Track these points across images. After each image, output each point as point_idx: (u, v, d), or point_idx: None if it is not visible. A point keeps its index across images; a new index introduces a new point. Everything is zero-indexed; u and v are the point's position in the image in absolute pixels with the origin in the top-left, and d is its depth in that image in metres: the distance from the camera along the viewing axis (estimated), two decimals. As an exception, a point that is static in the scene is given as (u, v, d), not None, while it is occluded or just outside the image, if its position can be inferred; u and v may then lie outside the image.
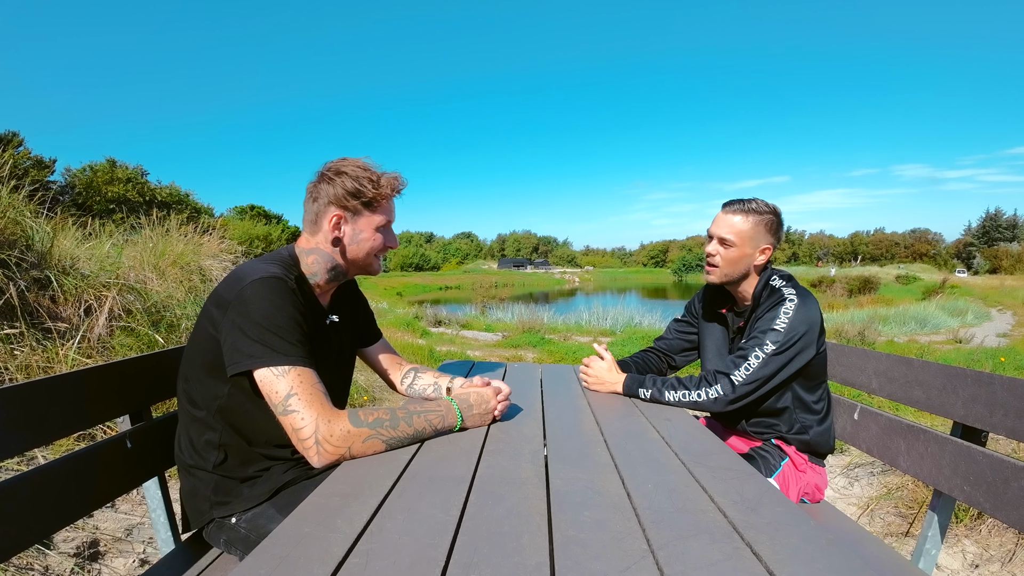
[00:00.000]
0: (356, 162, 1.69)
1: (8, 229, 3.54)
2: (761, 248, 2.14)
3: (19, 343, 3.17)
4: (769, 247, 2.15)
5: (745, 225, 2.12)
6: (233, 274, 1.56)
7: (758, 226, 2.13)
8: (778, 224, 2.16)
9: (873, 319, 16.30)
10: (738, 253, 2.13)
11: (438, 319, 17.42)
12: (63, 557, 2.39)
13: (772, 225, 2.15)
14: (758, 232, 2.13)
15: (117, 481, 1.63)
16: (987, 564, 2.81)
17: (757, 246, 2.14)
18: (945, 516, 1.82)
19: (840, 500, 3.71)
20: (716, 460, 1.49)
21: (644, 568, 0.94)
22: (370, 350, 2.12)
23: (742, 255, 2.14)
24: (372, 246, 1.74)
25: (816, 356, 2.06)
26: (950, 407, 1.80)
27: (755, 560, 0.97)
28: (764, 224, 2.13)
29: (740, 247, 2.13)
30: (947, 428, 1.84)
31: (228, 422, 1.56)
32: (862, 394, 4.69)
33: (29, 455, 2.72)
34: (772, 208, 2.16)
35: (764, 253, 2.15)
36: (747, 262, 2.15)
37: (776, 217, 2.16)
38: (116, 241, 5.06)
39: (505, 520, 1.10)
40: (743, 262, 2.15)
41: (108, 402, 1.65)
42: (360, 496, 1.19)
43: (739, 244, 2.13)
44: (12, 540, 1.27)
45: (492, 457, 1.46)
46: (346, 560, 0.94)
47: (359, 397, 5.25)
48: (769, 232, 2.14)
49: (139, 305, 4.06)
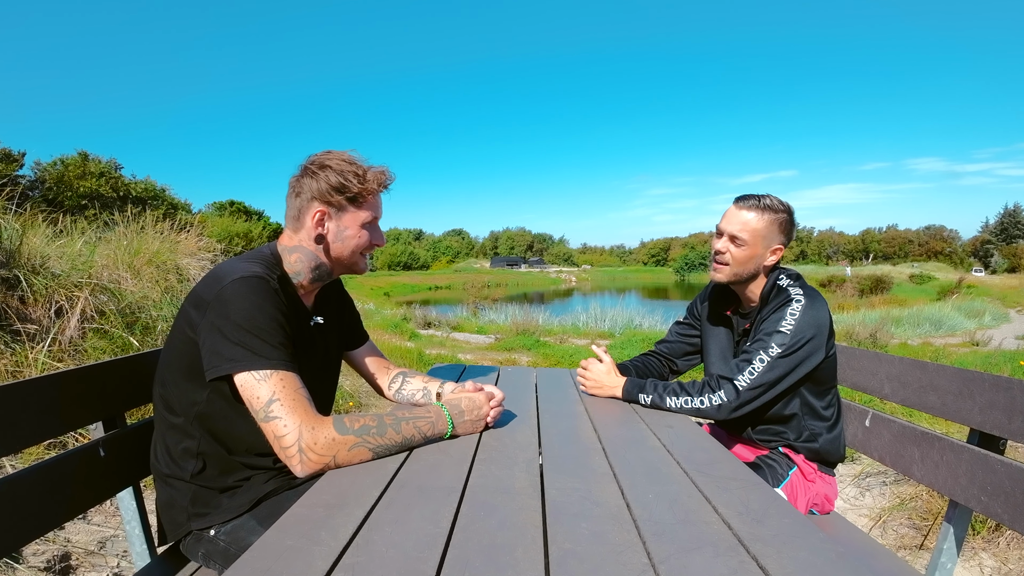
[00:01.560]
0: (341, 155, 1.69)
1: (-26, 226, 3.53)
2: (773, 248, 2.14)
3: (-15, 346, 3.15)
4: (781, 247, 2.15)
5: (759, 223, 2.12)
6: (212, 273, 1.56)
7: (772, 225, 2.13)
8: (791, 224, 2.17)
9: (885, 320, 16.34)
10: (749, 252, 2.13)
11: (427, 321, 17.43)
12: (33, 571, 2.38)
13: (785, 225, 2.15)
14: (771, 231, 2.13)
15: (90, 491, 1.62)
16: (1004, 578, 2.81)
17: (769, 246, 2.14)
18: (961, 528, 1.81)
19: (851, 511, 3.72)
20: (720, 469, 1.49)
21: (644, 583, 0.94)
22: (356, 353, 2.11)
23: (753, 254, 2.13)
24: (358, 243, 1.74)
25: (825, 360, 2.07)
26: (967, 413, 1.80)
27: (761, 574, 0.97)
28: (778, 223, 2.13)
29: (752, 246, 2.12)
30: (963, 435, 1.84)
31: (207, 429, 1.56)
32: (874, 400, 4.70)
33: (-4, 464, 2.71)
34: (786, 206, 2.16)
35: (775, 253, 2.15)
36: (757, 262, 2.15)
37: (790, 216, 2.16)
38: (89, 239, 5.03)
39: (498, 532, 1.10)
40: (753, 262, 2.15)
41: (80, 408, 1.64)
42: (345, 507, 1.19)
43: (751, 243, 2.12)
44: (-23, 554, 1.27)
45: (484, 466, 1.46)
46: (331, 574, 0.93)
47: (345, 403, 5.25)
48: (782, 232, 2.14)
49: (113, 306, 4.05)
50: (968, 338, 15.39)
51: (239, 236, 23.38)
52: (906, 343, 13.91)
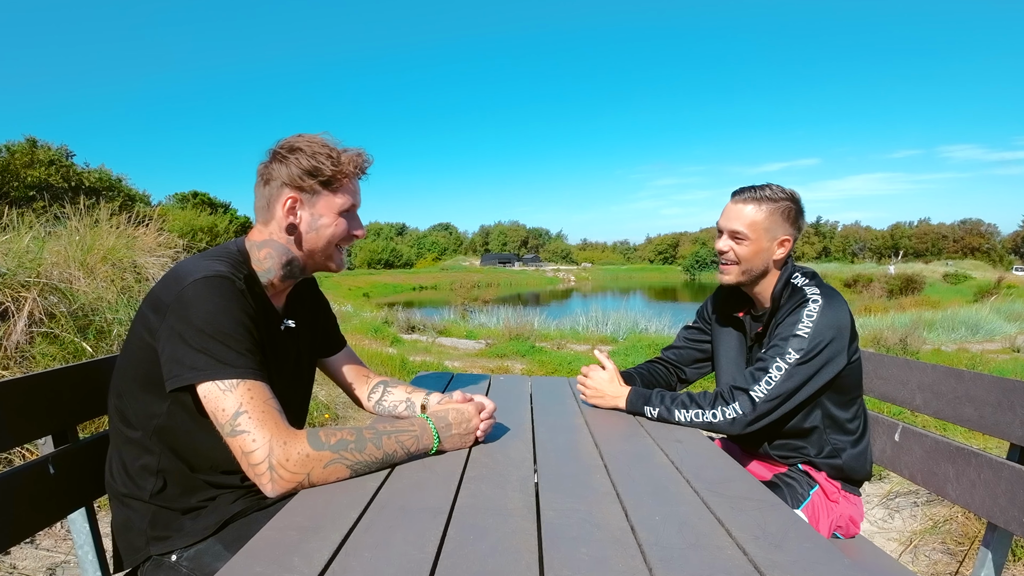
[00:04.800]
0: (312, 138, 1.69)
1: (-92, 219, 3.52)
2: (780, 240, 2.15)
3: (-79, 352, 3.15)
4: (789, 238, 2.16)
5: (759, 215, 2.14)
6: (172, 273, 1.56)
7: (773, 215, 2.14)
8: (797, 211, 2.17)
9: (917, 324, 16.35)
10: (753, 248, 2.14)
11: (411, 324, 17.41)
12: (-27, 603, 2.37)
13: (790, 213, 2.15)
14: (774, 222, 2.14)
15: (38, 512, 1.62)
16: (1046, 607, 2.82)
17: (775, 238, 2.15)
18: (1001, 553, 1.82)
19: (879, 535, 3.74)
20: (734, 488, 1.49)
21: (649, 613, 0.94)
22: (332, 360, 2.11)
23: (759, 250, 2.15)
24: (334, 233, 1.73)
25: (848, 366, 2.07)
26: (1007, 427, 1.80)
27: (778, 603, 0.97)
28: (780, 212, 2.14)
29: (755, 241, 2.14)
30: (1003, 451, 1.84)
31: (167, 444, 1.55)
32: (904, 411, 4.72)
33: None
34: (789, 193, 2.17)
35: (783, 245, 2.15)
36: (765, 257, 2.16)
37: (794, 203, 2.17)
38: (37, 233, 5.03)
39: (489, 558, 1.10)
40: (760, 257, 2.16)
41: (27, 421, 1.63)
42: (320, 530, 1.19)
43: (754, 237, 2.14)
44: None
45: (474, 484, 1.46)
46: (303, 605, 0.94)
47: (320, 415, 5.24)
48: (787, 221, 2.15)
49: (64, 308, 4.05)
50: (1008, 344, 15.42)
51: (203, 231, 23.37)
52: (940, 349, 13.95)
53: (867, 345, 12.63)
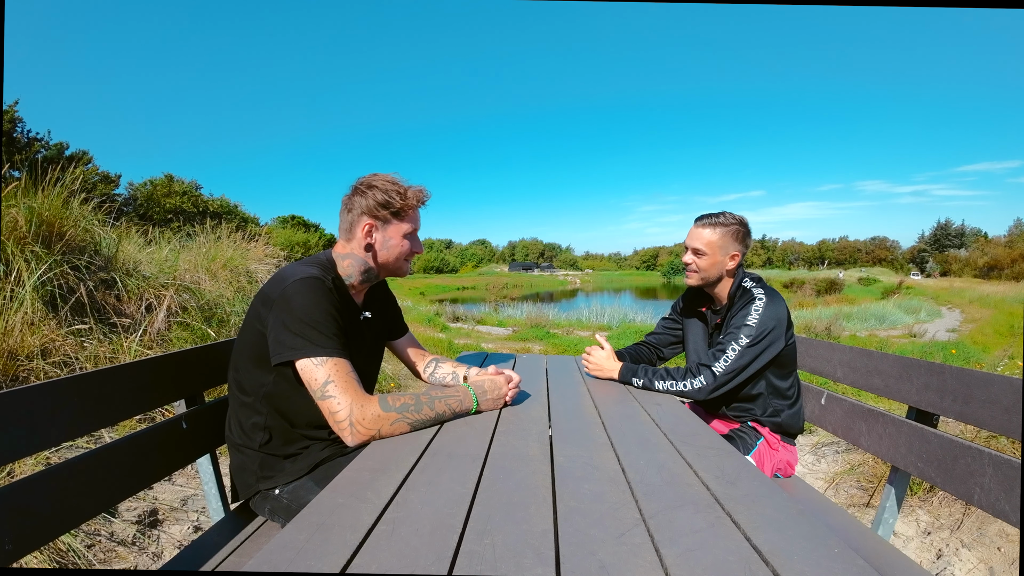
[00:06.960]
0: (386, 177, 1.69)
1: (79, 237, 3.57)
2: (731, 255, 2.15)
3: (88, 336, 3.19)
4: (738, 254, 2.16)
5: (714, 236, 2.15)
6: (277, 275, 1.57)
7: (726, 236, 2.14)
8: (745, 233, 2.17)
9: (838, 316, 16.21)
10: (710, 261, 2.16)
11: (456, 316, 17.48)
12: (126, 524, 2.40)
13: (739, 234, 2.16)
14: (726, 241, 2.14)
15: (174, 458, 1.64)
16: (938, 531, 2.79)
17: (727, 253, 2.15)
18: (901, 489, 1.81)
19: (809, 475, 3.69)
20: (700, 440, 1.48)
21: (637, 535, 0.94)
22: (398, 343, 2.12)
23: (714, 262, 2.16)
24: (401, 251, 1.74)
25: (785, 347, 2.07)
26: (906, 393, 1.80)
27: (734, 528, 0.97)
28: (731, 234, 2.15)
29: (712, 255, 2.15)
30: (903, 412, 1.84)
31: (273, 406, 1.57)
32: (828, 382, 4.67)
33: (96, 435, 2.74)
34: (738, 219, 2.17)
35: (734, 259, 2.16)
36: (720, 267, 2.17)
37: (742, 227, 2.17)
38: (173, 247, 5.08)
39: (515, 492, 1.10)
40: (716, 268, 2.17)
41: (166, 388, 1.66)
42: (387, 471, 1.20)
43: (710, 253, 2.15)
44: (81, 509, 1.28)
45: (503, 437, 1.46)
46: (375, 527, 0.94)
47: (386, 384, 5.26)
48: (736, 240, 2.15)
49: (193, 303, 4.09)
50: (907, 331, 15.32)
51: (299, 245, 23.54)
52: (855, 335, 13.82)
53: (800, 332, 12.51)
